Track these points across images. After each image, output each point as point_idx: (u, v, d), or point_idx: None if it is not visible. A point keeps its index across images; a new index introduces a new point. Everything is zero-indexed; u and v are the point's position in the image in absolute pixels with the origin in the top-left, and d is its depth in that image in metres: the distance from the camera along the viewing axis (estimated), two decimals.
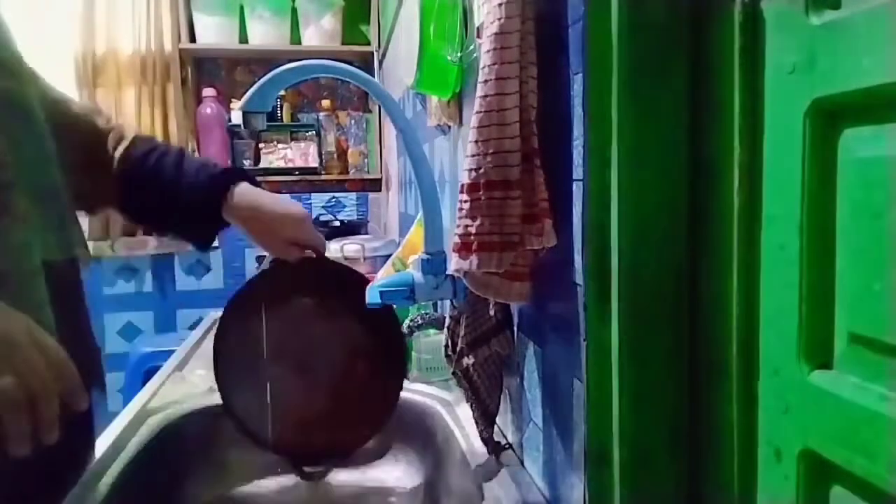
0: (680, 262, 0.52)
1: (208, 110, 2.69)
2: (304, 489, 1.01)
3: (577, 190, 0.59)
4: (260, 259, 1.04)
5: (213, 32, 2.62)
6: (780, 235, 0.41)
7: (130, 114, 2.59)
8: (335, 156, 2.83)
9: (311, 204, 2.87)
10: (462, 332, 0.82)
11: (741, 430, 0.45)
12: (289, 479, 1.01)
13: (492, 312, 0.78)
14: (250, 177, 0.91)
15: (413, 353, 1.15)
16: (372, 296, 0.84)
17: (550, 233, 0.62)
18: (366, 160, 2.88)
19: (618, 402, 0.53)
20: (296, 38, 2.71)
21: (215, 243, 0.86)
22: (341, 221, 2.76)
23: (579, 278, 0.58)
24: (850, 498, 0.37)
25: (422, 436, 1.03)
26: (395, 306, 0.91)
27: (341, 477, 1.05)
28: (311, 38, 2.68)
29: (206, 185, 0.87)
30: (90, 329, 0.82)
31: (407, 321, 1.13)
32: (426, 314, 1.14)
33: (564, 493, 0.66)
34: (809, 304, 0.39)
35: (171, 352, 1.42)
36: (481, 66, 0.63)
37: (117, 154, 0.87)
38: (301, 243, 0.92)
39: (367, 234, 2.72)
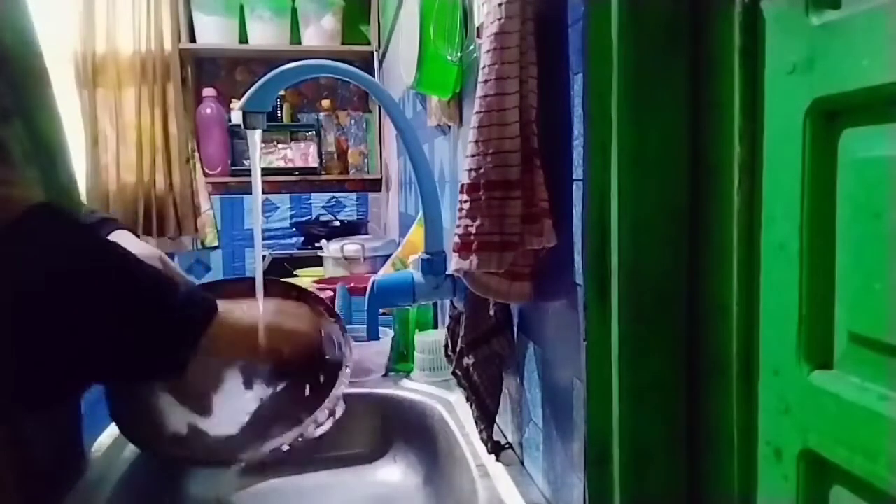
0: (680, 262, 0.52)
1: (208, 110, 2.69)
2: (303, 489, 1.01)
3: (577, 190, 0.59)
4: None
5: (213, 32, 2.62)
6: (780, 235, 0.41)
7: (130, 114, 2.59)
8: (335, 156, 2.83)
9: (311, 204, 2.88)
10: (462, 332, 0.82)
11: (741, 430, 0.45)
12: (289, 480, 1.01)
13: (492, 312, 0.78)
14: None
15: (414, 353, 1.15)
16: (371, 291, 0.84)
17: (550, 233, 0.62)
18: (366, 160, 2.88)
19: (618, 402, 0.53)
20: (296, 38, 2.71)
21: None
22: (341, 221, 2.76)
23: (579, 278, 0.58)
24: (850, 498, 0.37)
25: (422, 436, 1.03)
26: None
27: (341, 477, 1.05)
28: (311, 38, 2.68)
29: None
30: None
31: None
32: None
33: (564, 493, 0.66)
34: (809, 304, 0.39)
35: None
36: (481, 66, 0.63)
37: None
38: None
39: (367, 234, 2.72)
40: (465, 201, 0.64)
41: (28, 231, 0.56)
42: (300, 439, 0.81)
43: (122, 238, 0.90)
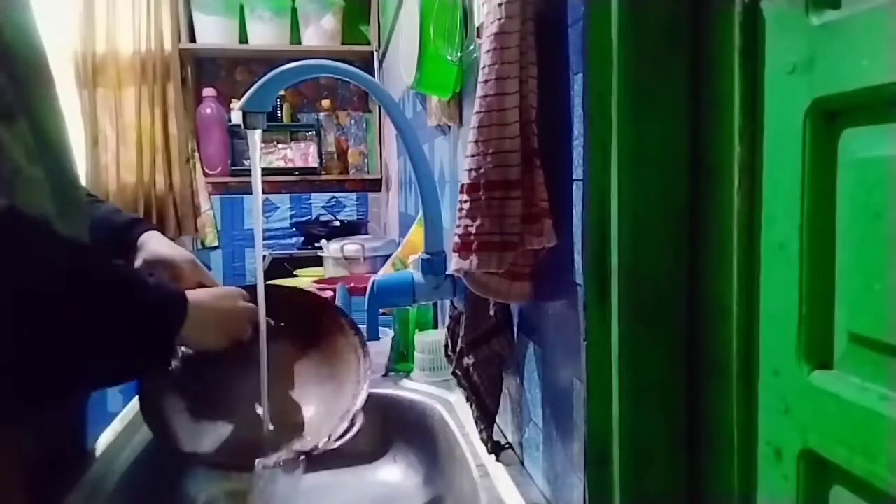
0: (680, 262, 0.52)
1: (208, 110, 2.69)
2: (303, 489, 1.01)
3: (577, 190, 0.59)
4: None
5: (213, 32, 2.62)
6: (780, 235, 0.41)
7: (130, 114, 2.59)
8: (335, 156, 2.83)
9: (311, 204, 2.87)
10: (462, 332, 0.82)
11: (741, 430, 0.45)
12: (289, 480, 1.01)
13: (492, 312, 0.78)
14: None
15: (414, 353, 1.15)
16: (369, 295, 0.84)
17: (550, 233, 0.62)
18: (366, 160, 2.88)
19: (618, 402, 0.53)
20: (296, 38, 2.71)
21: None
22: (341, 221, 2.76)
23: (579, 278, 0.58)
24: (850, 498, 0.37)
25: (422, 436, 1.03)
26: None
27: (341, 477, 1.05)
28: (311, 38, 2.68)
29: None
30: None
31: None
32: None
33: (564, 493, 0.66)
34: (809, 304, 0.39)
35: None
36: (481, 66, 0.63)
37: None
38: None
39: (367, 234, 2.72)
40: (465, 201, 0.64)
41: None
42: (317, 449, 0.82)
43: (154, 240, 0.90)
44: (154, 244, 0.90)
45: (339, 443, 0.83)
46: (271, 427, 0.86)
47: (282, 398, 0.90)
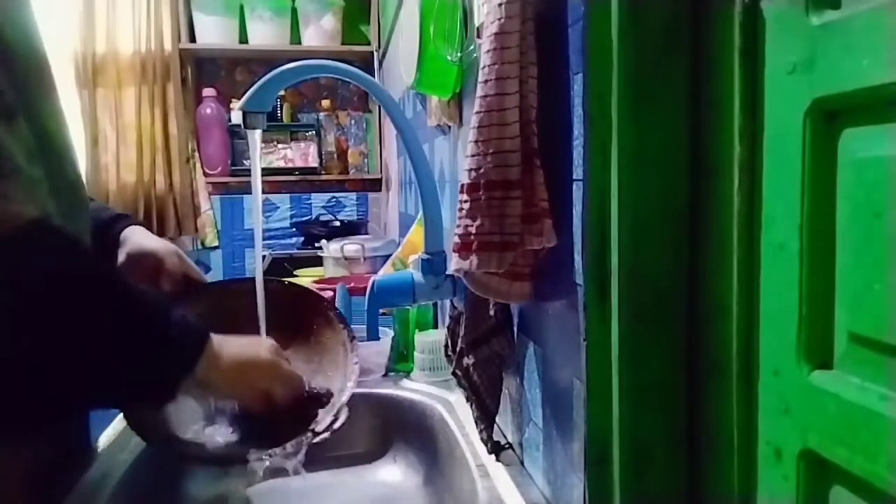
0: (680, 262, 0.52)
1: (208, 110, 2.69)
2: (303, 489, 1.01)
3: (577, 190, 0.59)
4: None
5: (213, 32, 2.62)
6: (780, 235, 0.41)
7: (130, 114, 2.59)
8: (335, 156, 2.83)
9: (311, 204, 2.88)
10: (462, 332, 0.82)
11: (741, 430, 0.45)
12: (289, 480, 1.01)
13: (492, 312, 0.78)
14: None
15: (414, 353, 1.15)
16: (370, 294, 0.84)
17: (550, 233, 0.62)
18: (366, 160, 2.88)
19: (618, 402, 0.53)
20: (296, 38, 2.71)
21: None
22: (341, 221, 2.76)
23: (579, 278, 0.58)
24: (850, 498, 0.37)
25: (422, 436, 1.03)
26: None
27: (341, 477, 1.05)
28: (311, 38, 2.68)
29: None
30: None
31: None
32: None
33: (564, 493, 0.66)
34: (809, 304, 0.39)
35: None
36: (481, 66, 0.63)
37: None
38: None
39: (367, 234, 2.72)
40: (465, 201, 0.64)
41: (19, 248, 0.54)
42: (303, 443, 0.81)
43: (137, 234, 0.90)
44: (138, 237, 0.89)
45: (321, 437, 0.82)
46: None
47: None
